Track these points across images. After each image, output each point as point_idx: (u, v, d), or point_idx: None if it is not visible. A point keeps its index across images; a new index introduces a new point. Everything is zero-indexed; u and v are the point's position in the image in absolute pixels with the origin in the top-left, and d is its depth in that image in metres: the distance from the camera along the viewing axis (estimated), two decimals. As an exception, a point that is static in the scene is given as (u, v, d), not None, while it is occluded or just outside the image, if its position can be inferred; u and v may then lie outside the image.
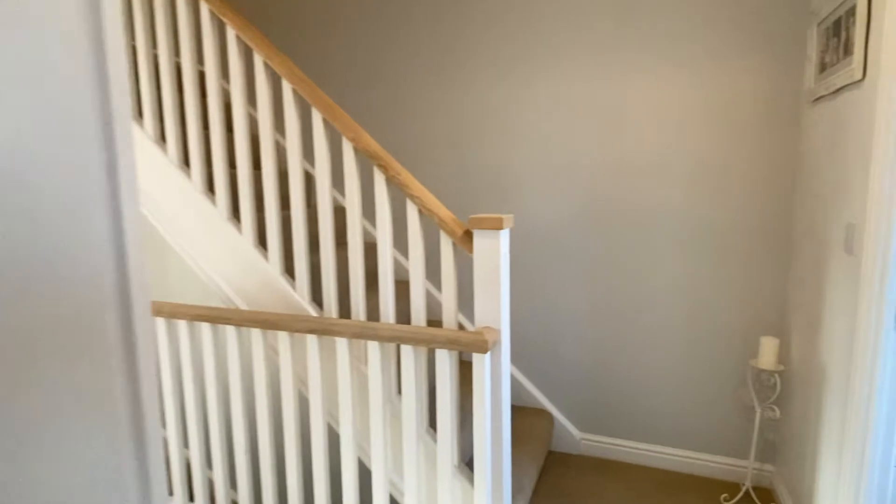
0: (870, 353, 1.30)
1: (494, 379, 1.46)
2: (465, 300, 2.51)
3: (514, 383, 2.45)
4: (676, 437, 2.23)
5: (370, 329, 1.49)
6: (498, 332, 1.44)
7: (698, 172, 2.06)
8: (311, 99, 1.61)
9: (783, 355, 2.00)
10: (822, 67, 1.68)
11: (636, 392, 2.27)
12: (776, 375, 1.91)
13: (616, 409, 2.31)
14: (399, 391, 1.78)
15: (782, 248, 1.99)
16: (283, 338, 1.63)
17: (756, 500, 1.99)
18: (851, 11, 1.44)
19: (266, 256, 1.79)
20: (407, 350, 1.49)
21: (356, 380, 1.70)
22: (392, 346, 1.62)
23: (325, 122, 1.65)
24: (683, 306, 2.15)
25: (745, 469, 2.12)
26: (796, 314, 1.88)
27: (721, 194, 2.04)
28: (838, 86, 1.52)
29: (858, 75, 1.39)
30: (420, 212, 1.54)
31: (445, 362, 1.45)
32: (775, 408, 1.91)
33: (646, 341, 2.22)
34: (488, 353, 1.41)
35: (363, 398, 1.70)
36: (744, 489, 2.03)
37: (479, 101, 2.35)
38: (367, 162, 2.65)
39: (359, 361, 1.69)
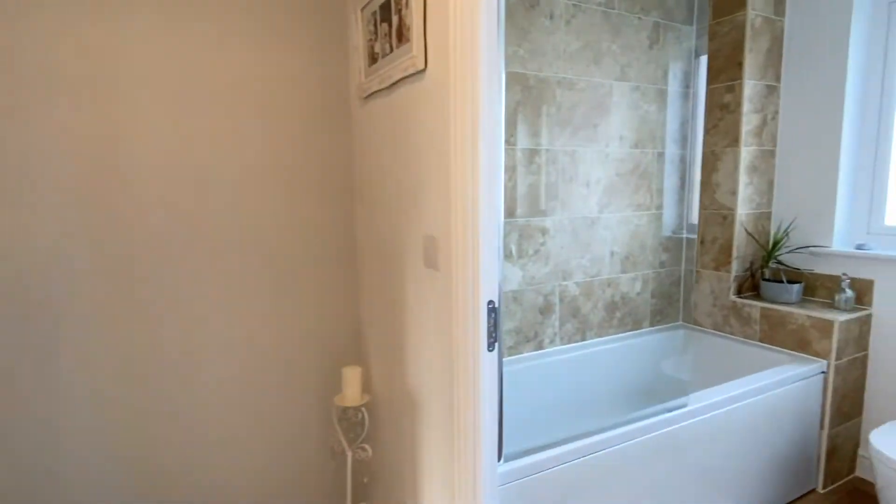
0: (472, 375, 1.15)
1: None
2: None
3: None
4: (262, 522, 1.71)
5: None
6: None
7: (248, 177, 1.58)
8: None
9: (368, 384, 1.79)
10: (374, 59, 1.49)
11: (195, 477, 1.60)
12: (363, 410, 1.68)
13: (174, 521, 1.57)
14: None
15: (353, 264, 1.77)
16: None
17: (358, 555, 1.72)
18: (403, -8, 1.26)
19: None
20: None
21: None
22: None
23: None
24: (247, 352, 1.64)
25: (342, 523, 1.83)
26: (374, 337, 1.69)
27: (276, 203, 1.63)
28: (396, 78, 1.34)
29: (420, 65, 1.21)
30: None
31: None
32: (367, 447, 1.68)
33: (203, 407, 1.59)
34: None
35: None
36: (345, 548, 1.74)
37: None
38: None
39: None
